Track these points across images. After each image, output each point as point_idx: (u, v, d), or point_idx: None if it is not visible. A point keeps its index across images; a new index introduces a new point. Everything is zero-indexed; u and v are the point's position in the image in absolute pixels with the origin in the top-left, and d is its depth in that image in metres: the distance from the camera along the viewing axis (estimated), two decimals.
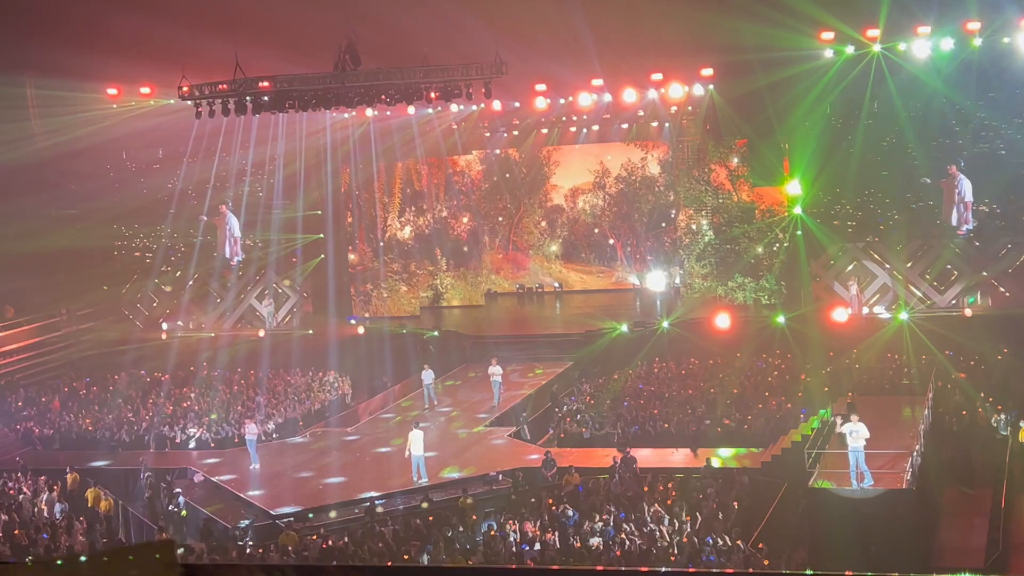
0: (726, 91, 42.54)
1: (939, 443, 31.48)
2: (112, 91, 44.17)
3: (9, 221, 43.38)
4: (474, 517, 27.92)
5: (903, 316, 39.36)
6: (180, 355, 43.50)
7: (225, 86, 33.65)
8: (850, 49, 39.39)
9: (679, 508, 26.75)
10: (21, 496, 31.19)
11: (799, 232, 42.07)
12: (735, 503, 27.04)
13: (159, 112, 44.14)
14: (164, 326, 47.09)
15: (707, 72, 42.27)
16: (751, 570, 23.37)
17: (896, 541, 25.09)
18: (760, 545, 24.96)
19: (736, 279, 43.99)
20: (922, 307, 40.89)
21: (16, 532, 28.47)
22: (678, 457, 31.63)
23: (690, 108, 45.12)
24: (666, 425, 33.28)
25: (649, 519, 26.25)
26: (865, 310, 41.24)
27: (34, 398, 40.17)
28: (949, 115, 39.80)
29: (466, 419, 36.55)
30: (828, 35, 39.09)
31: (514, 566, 20.80)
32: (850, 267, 42.03)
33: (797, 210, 42.09)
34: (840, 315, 40.18)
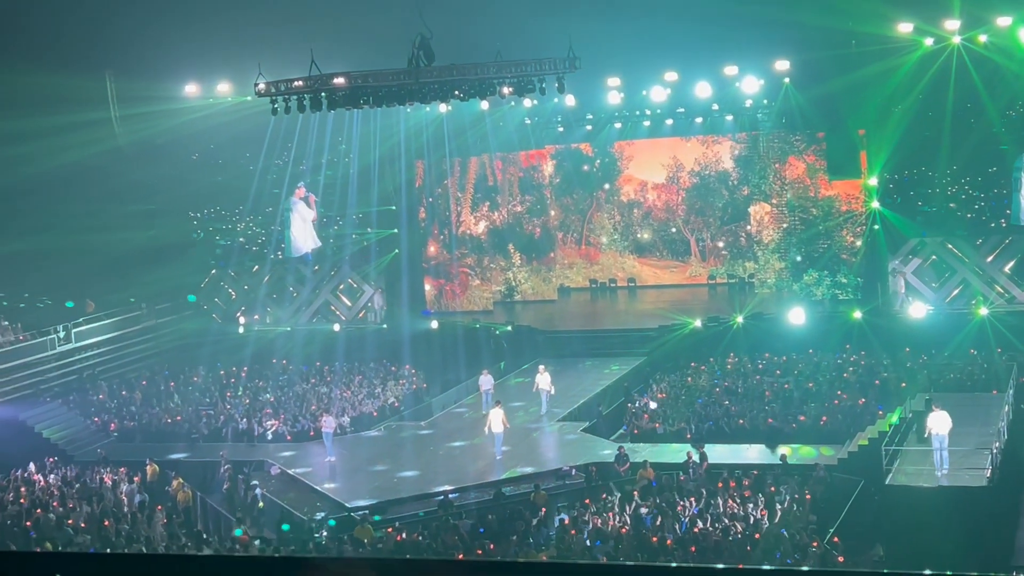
0: (802, 85, 42.11)
1: (1020, 440, 30.98)
2: (190, 88, 44.83)
3: (90, 216, 44.15)
4: (545, 511, 27.95)
5: (983, 311, 38.75)
6: (257, 349, 44.00)
7: (300, 82, 33.91)
8: (929, 41, 38.81)
9: (754, 504, 26.59)
10: (103, 487, 31.77)
11: (876, 226, 41.60)
12: (811, 499, 26.82)
13: (236, 109, 44.69)
14: (241, 320, 47.65)
15: (783, 66, 41.87)
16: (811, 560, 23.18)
17: (975, 539, 24.75)
18: (835, 540, 24.76)
19: (811, 274, 43.57)
20: (1002, 301, 40.23)
21: (106, 523, 28.99)
22: (753, 453, 31.44)
23: (765, 102, 44.72)
24: (741, 421, 33.09)
25: (723, 515, 26.11)
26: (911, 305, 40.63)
27: (115, 391, 40.87)
28: None
29: (539, 414, 36.51)
30: (906, 28, 38.56)
31: (586, 562, 20.82)
32: (928, 262, 41.44)
33: (875, 204, 41.62)
34: (918, 310, 39.63)
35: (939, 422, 26.98)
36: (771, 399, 34.28)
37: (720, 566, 3.04)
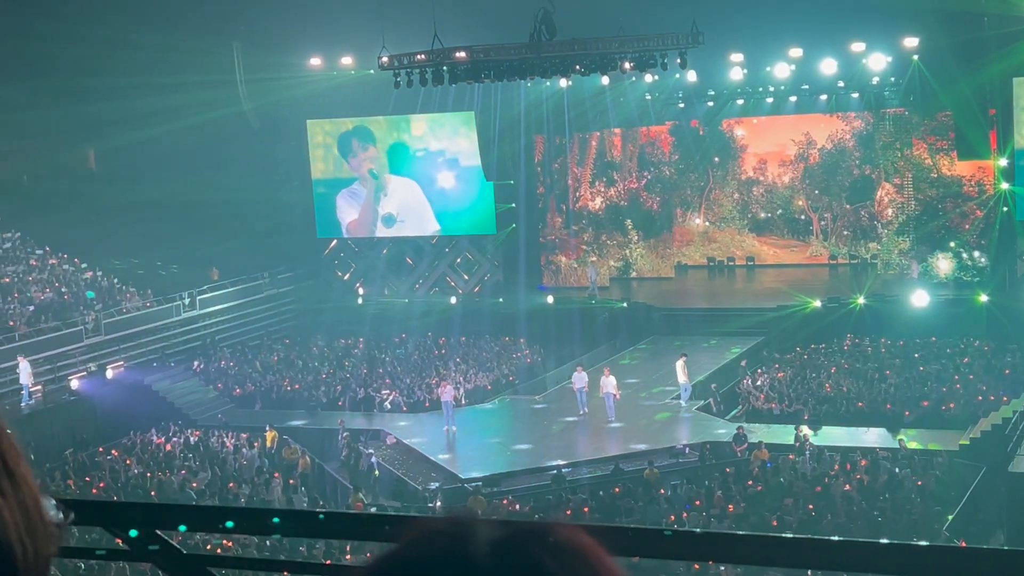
0: (931, 61, 40.98)
1: None
2: (315, 61, 45.36)
3: (215, 187, 44.97)
4: (662, 490, 27.84)
5: None
6: (375, 320, 44.46)
7: (423, 56, 34.17)
8: None
9: (870, 488, 26.20)
10: (224, 452, 32.48)
11: (1005, 208, 40.49)
12: (930, 485, 26.32)
13: (359, 81, 45.10)
14: (360, 291, 48.23)
15: (911, 43, 40.82)
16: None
17: None
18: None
19: (937, 255, 42.60)
20: None
21: (231, 485, 29.65)
22: (871, 436, 30.91)
23: (892, 79, 43.71)
24: (860, 404, 32.53)
25: (838, 498, 25.77)
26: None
27: (236, 357, 41.70)
28: None
29: (654, 391, 36.34)
30: None
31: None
32: None
33: (1004, 185, 40.49)
34: None
35: None
36: (891, 382, 33.66)
37: (835, 538, 2.98)
